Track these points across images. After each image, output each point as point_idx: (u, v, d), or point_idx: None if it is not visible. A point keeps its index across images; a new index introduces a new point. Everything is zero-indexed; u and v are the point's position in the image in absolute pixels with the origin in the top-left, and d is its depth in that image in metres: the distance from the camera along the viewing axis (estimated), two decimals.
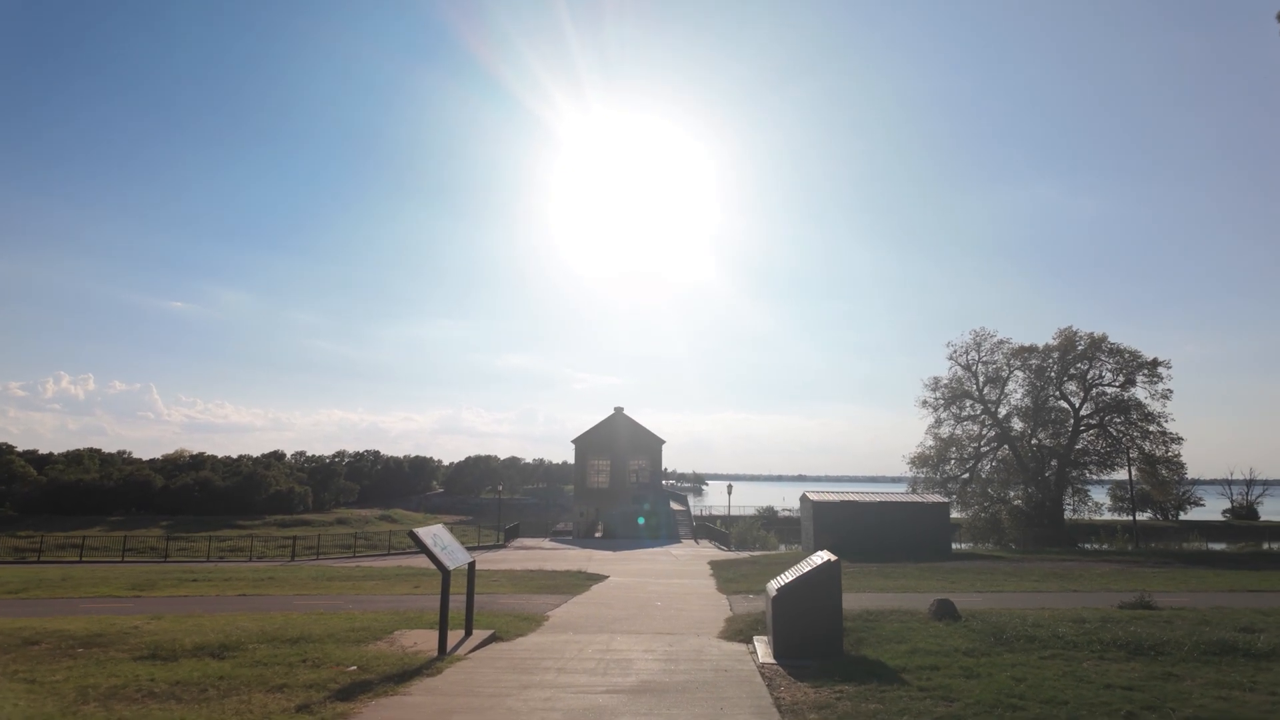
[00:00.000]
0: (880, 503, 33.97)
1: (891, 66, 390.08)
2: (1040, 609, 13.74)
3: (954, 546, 35.10)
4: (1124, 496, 40.65)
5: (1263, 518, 74.01)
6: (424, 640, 10.50)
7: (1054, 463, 40.58)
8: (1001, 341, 42.21)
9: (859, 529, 32.95)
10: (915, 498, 35.03)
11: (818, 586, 9.55)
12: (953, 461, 42.36)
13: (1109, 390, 39.69)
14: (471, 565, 11.33)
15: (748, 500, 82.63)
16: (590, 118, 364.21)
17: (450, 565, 10.08)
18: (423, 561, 31.25)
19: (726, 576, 22.52)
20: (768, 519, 58.52)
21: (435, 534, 10.70)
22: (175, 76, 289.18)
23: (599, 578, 22.30)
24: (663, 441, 61.13)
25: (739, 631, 11.77)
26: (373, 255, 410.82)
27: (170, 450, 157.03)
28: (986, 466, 42.31)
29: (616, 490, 58.47)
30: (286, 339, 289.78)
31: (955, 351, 43.07)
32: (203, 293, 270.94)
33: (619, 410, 61.47)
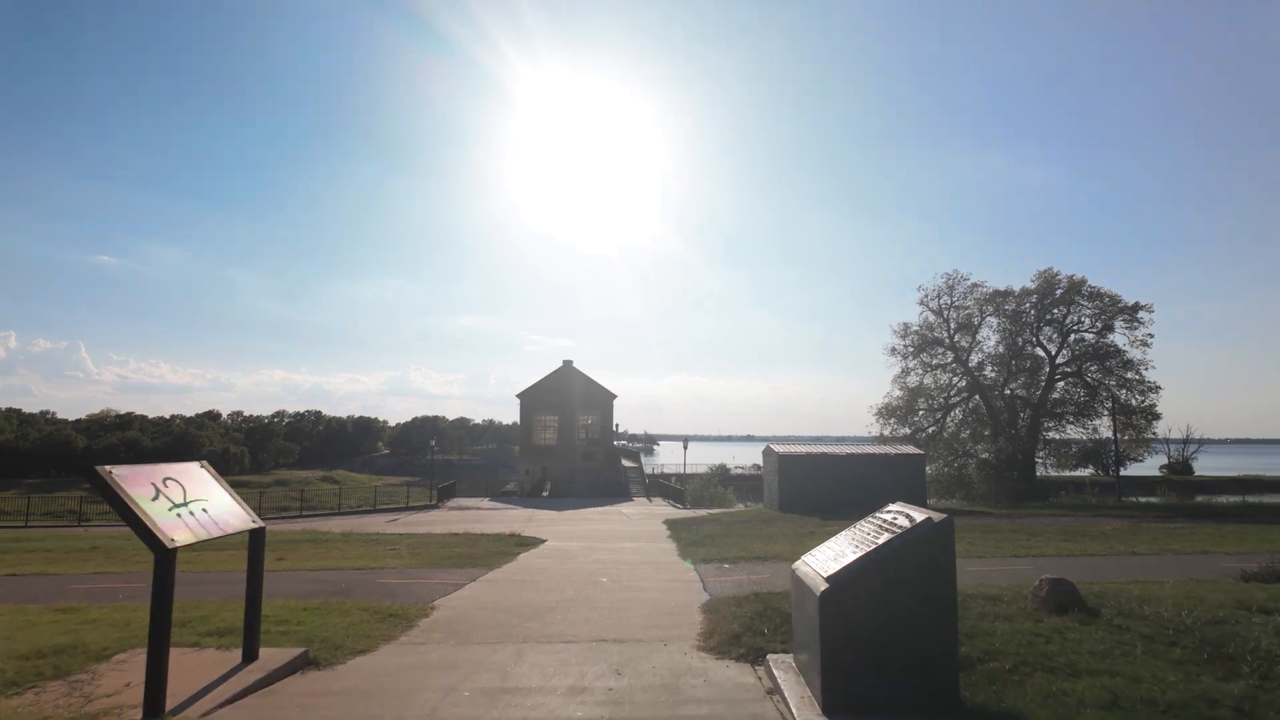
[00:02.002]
0: (850, 455, 29.76)
1: (839, 32, 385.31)
2: (1159, 584, 9.25)
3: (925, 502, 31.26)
4: (1093, 449, 37.34)
5: (1196, 473, 75.06)
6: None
7: (1027, 414, 37.15)
8: (975, 285, 38.39)
9: (827, 484, 28.71)
10: (888, 449, 31.00)
11: (913, 573, 4.68)
12: (921, 412, 38.58)
13: (1087, 336, 36.30)
14: (256, 534, 6.03)
15: (699, 459, 78.65)
16: (543, 75, 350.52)
17: (175, 537, 4.82)
18: (350, 523, 25.84)
19: (689, 539, 17.82)
20: (722, 477, 54.30)
21: (169, 476, 5.35)
22: (104, 13, 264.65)
23: (533, 543, 17.32)
24: (614, 396, 56.08)
25: (733, 637, 6.87)
26: (318, 212, 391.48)
27: (100, 411, 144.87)
28: (956, 417, 38.68)
29: (565, 447, 53.39)
30: (224, 296, 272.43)
31: (926, 296, 39.06)
32: (132, 247, 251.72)
33: (568, 364, 56.10)
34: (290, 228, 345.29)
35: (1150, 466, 71.15)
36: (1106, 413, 35.62)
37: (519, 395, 55.32)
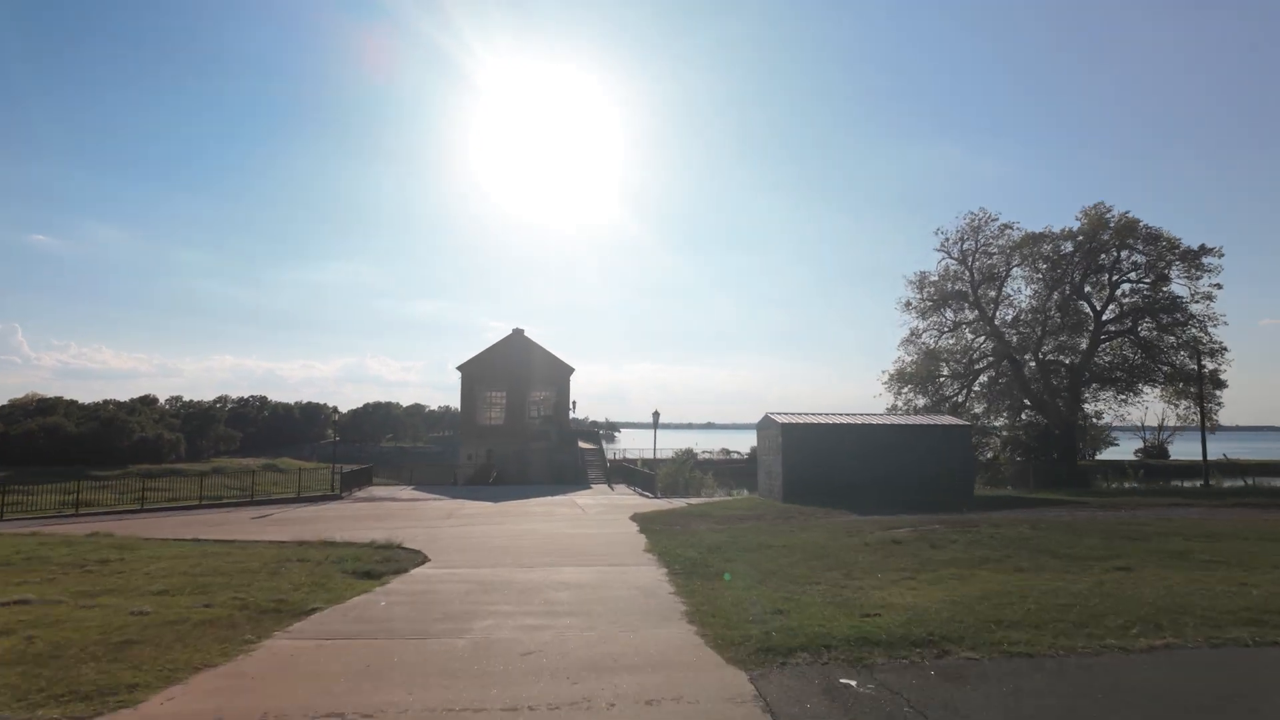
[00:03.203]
0: (879, 426, 22.45)
1: (796, 20, 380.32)
2: None
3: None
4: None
5: (1172, 457, 73.40)
6: None
7: (1065, 381, 30.43)
8: (1005, 227, 31.42)
9: (848, 464, 21.37)
10: (926, 419, 23.80)
11: None
12: (943, 378, 31.59)
13: (1141, 287, 29.65)
14: None
15: (662, 445, 70.47)
16: (502, 60, 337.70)
17: None
18: (180, 523, 17.49)
19: (682, 557, 10.21)
20: (694, 462, 46.55)
21: None
22: None
23: (403, 565, 9.62)
24: (571, 370, 47.88)
25: None
26: (269, 193, 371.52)
27: (24, 395, 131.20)
28: (983, 385, 31.80)
29: (514, 427, 45.15)
30: (170, 279, 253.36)
31: (947, 240, 31.99)
32: (70, 226, 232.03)
33: (518, 332, 47.65)
34: (241, 209, 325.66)
35: (1124, 451, 67.04)
36: (1164, 379, 29.01)
37: (460, 368, 46.94)
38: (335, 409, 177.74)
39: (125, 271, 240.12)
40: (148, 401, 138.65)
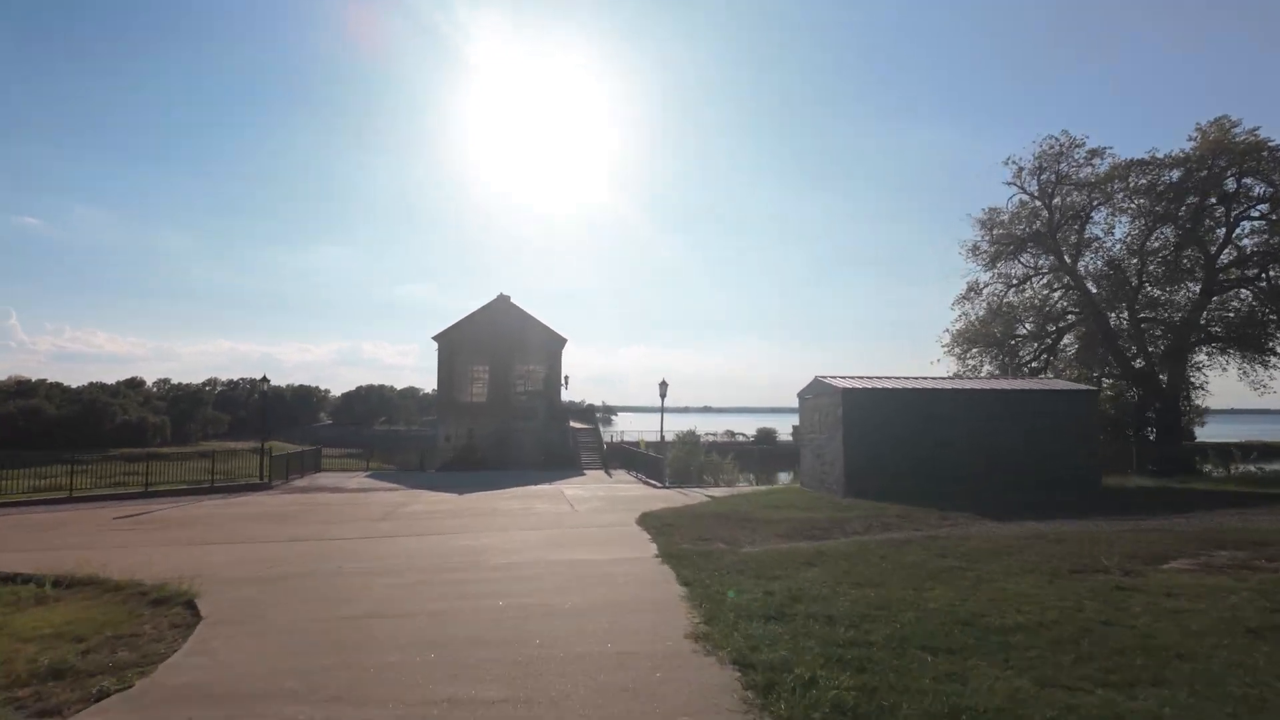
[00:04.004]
0: (981, 393, 16.46)
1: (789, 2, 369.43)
2: None
3: None
4: None
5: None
6: None
7: (1168, 344, 24.39)
8: (1094, 154, 25.13)
9: (932, 445, 15.44)
10: (1039, 383, 17.89)
11: None
12: (1018, 339, 25.50)
13: (1268, 223, 23.50)
14: None
15: (656, 429, 63.23)
16: (496, 39, 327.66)
17: None
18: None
19: (798, 658, 4.27)
20: (710, 445, 40.11)
21: None
22: None
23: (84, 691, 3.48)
24: (564, 340, 41.67)
25: None
26: (263, 177, 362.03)
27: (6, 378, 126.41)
28: (1070, 346, 25.74)
29: (498, 404, 39.07)
30: (162, 263, 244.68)
31: (1020, 172, 25.72)
32: (60, 210, 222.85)
33: (504, 298, 41.34)
34: (237, 193, 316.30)
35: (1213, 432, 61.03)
36: None
37: (437, 337, 40.79)
38: (327, 391, 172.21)
39: (117, 255, 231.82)
40: (134, 384, 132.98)
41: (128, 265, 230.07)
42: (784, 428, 49.01)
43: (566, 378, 44.12)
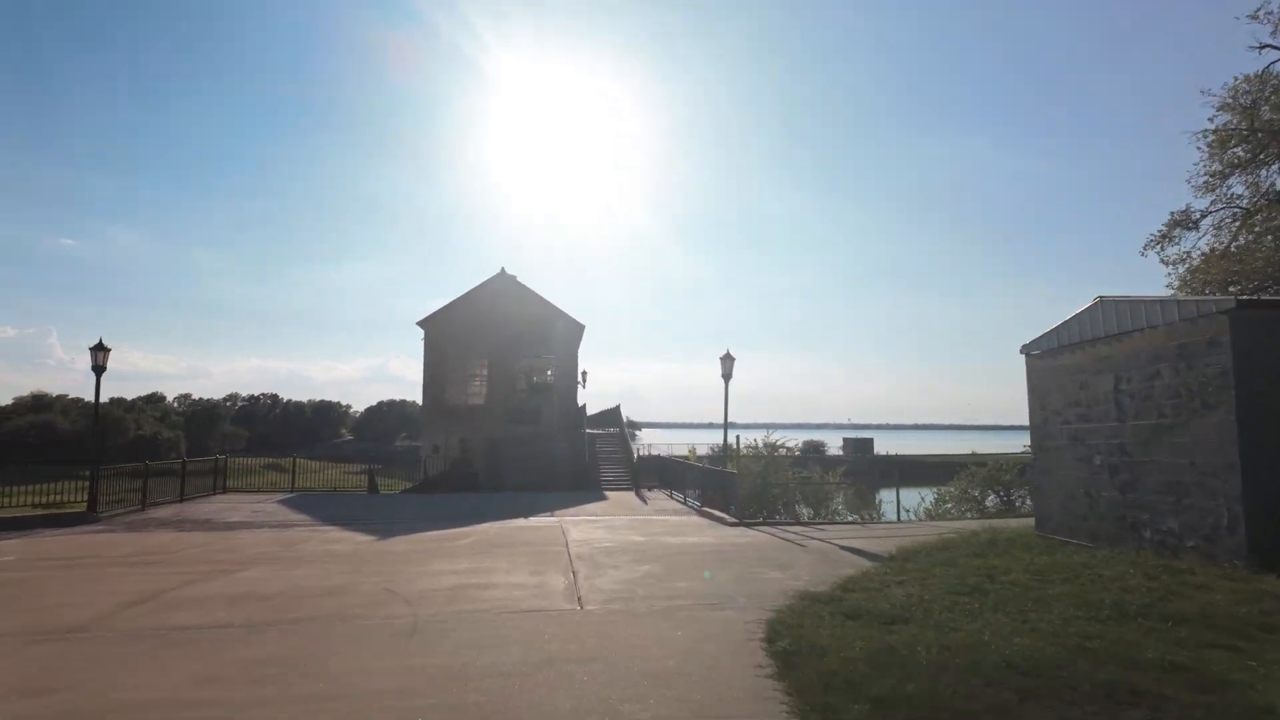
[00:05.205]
0: None
1: (812, 17, 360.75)
2: None
3: None
4: None
5: None
6: None
7: None
8: None
9: None
10: None
11: None
12: None
13: None
14: None
15: (677, 441, 49.16)
16: (520, 57, 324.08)
17: None
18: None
19: None
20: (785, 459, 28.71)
21: None
22: None
23: None
24: (582, 327, 32.43)
25: None
26: (292, 194, 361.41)
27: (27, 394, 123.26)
28: None
29: (497, 406, 30.01)
30: (194, 281, 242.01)
31: (1240, 88, 15.80)
32: (93, 230, 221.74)
33: (505, 274, 32.26)
34: (265, 212, 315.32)
35: None
36: None
37: (420, 323, 32.12)
38: (349, 407, 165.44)
39: (148, 274, 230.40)
40: (152, 399, 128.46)
41: (159, 285, 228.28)
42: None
43: (584, 374, 34.76)
